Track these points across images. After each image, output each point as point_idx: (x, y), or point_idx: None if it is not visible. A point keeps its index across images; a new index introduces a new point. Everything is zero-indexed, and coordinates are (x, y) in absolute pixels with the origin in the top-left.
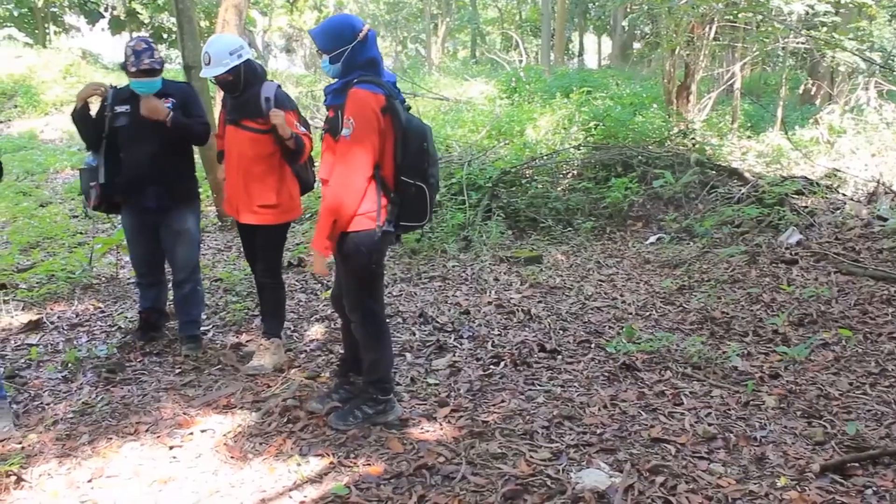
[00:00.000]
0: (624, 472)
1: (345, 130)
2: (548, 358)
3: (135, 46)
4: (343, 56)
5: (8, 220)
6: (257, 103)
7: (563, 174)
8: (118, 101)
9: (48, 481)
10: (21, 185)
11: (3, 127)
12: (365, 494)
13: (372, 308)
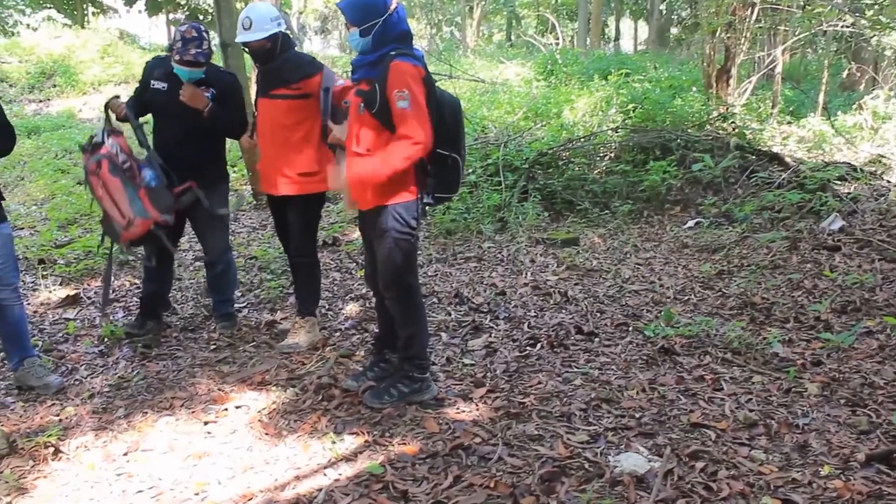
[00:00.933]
0: (664, 456)
1: (401, 103)
2: (585, 340)
3: (185, 33)
4: (373, 29)
5: (47, 197)
6: (290, 69)
7: (600, 156)
8: (158, 76)
9: (85, 454)
10: (59, 163)
11: (42, 106)
12: (400, 473)
13: (409, 282)
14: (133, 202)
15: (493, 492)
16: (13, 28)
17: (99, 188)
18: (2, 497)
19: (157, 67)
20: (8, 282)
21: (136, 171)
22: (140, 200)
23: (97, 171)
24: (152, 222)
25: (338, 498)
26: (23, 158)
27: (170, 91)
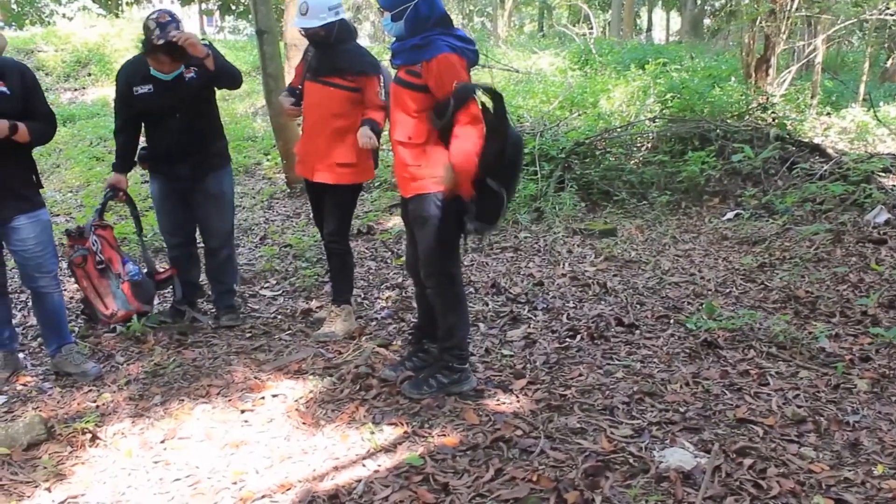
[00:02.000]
0: (712, 452)
1: None
2: (625, 332)
3: (158, 19)
4: (406, 13)
5: (82, 185)
6: (347, 61)
7: (637, 146)
8: (138, 81)
9: (122, 440)
10: (94, 151)
11: (77, 94)
12: (440, 466)
13: (451, 272)
14: (117, 296)
15: (536, 486)
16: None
17: (83, 280)
18: (41, 482)
19: (133, 74)
20: (47, 269)
21: (119, 265)
22: (123, 294)
23: (82, 265)
24: (133, 313)
25: (377, 489)
26: (58, 146)
27: (156, 91)
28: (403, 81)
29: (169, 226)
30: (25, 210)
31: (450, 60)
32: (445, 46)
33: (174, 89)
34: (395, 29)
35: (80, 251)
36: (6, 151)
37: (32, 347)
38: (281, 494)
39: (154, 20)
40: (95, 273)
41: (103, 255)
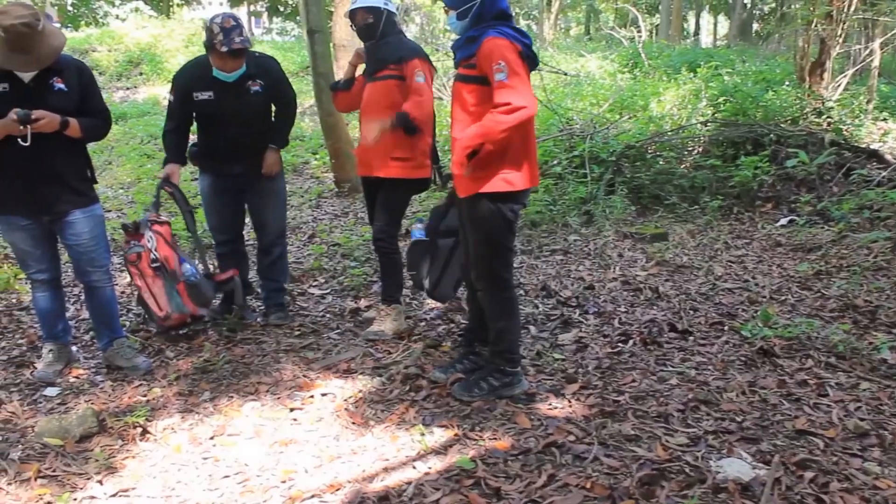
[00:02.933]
0: (772, 464)
1: (498, 75)
2: (679, 338)
3: (223, 24)
4: (471, 11)
5: (133, 181)
6: (390, 50)
7: (688, 150)
8: (200, 87)
9: (172, 435)
10: (145, 148)
11: (129, 93)
12: (492, 470)
13: (502, 275)
14: (171, 297)
15: (590, 493)
16: (103, 19)
17: (137, 278)
18: (93, 475)
19: (194, 79)
20: (100, 263)
21: (176, 264)
22: (179, 295)
23: (136, 262)
24: (188, 316)
25: (428, 492)
26: (110, 144)
27: (218, 98)
28: (461, 76)
29: (218, 223)
30: (80, 205)
31: (496, 42)
32: (493, 31)
33: (235, 97)
34: (461, 27)
35: (136, 248)
36: (61, 147)
37: (85, 341)
38: (330, 494)
39: (219, 24)
40: (150, 272)
41: (158, 254)
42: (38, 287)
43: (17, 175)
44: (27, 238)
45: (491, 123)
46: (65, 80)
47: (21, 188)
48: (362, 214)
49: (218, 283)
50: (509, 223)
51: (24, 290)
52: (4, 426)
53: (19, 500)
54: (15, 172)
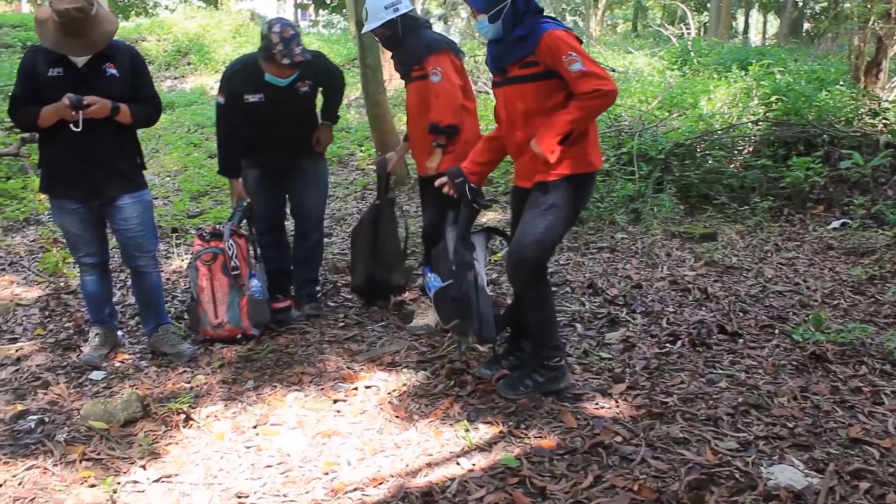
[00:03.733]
0: (826, 473)
1: (574, 65)
2: (728, 340)
3: (282, 33)
4: (502, 14)
5: (179, 170)
6: (410, 51)
7: (738, 150)
8: (250, 89)
9: (215, 423)
10: (192, 137)
11: (177, 82)
12: (537, 469)
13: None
14: (231, 308)
15: (637, 496)
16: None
17: (205, 279)
18: (136, 459)
19: (244, 82)
20: (147, 248)
21: (246, 278)
22: (238, 309)
23: (211, 263)
24: (240, 332)
25: (472, 489)
26: (157, 132)
27: (268, 100)
28: (520, 77)
29: (261, 211)
30: (130, 190)
31: (557, 34)
32: (548, 24)
33: (286, 99)
34: (493, 31)
35: (213, 249)
36: (111, 132)
37: (130, 326)
38: (373, 488)
39: (278, 34)
40: (221, 276)
41: (238, 261)
42: (86, 271)
43: (69, 159)
44: (77, 222)
45: (584, 110)
46: (117, 65)
47: (72, 172)
48: (407, 207)
49: (273, 310)
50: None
51: (72, 273)
52: (51, 408)
53: (64, 482)
54: (67, 157)
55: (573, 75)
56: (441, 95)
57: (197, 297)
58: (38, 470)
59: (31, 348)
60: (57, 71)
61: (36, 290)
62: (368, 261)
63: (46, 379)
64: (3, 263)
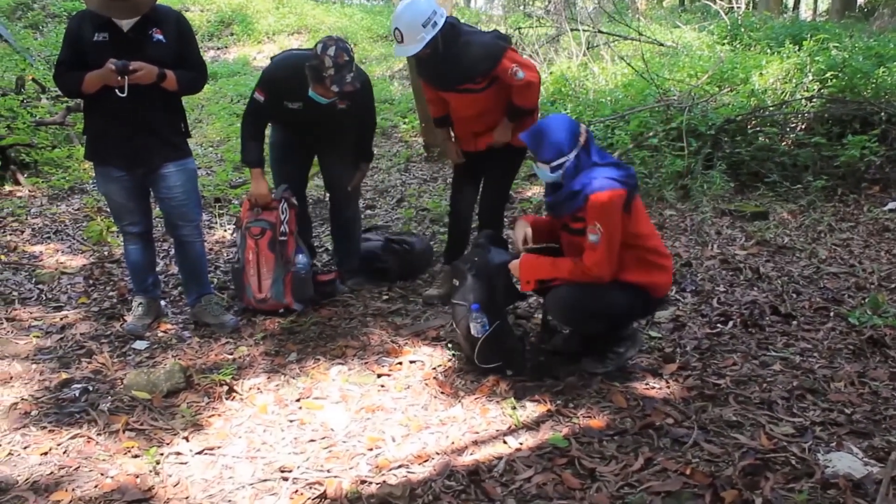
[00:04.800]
0: (888, 462)
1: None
2: (781, 322)
3: (337, 58)
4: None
5: (222, 140)
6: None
7: (791, 127)
8: (291, 98)
9: (258, 395)
10: (234, 108)
11: (220, 53)
12: (586, 449)
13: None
14: (276, 283)
15: (690, 480)
16: None
17: (251, 252)
18: (179, 431)
19: (287, 89)
20: (190, 217)
21: (293, 252)
22: (283, 285)
23: (259, 237)
24: (282, 307)
25: (519, 469)
26: (200, 102)
27: (305, 110)
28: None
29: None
30: (174, 158)
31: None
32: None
33: (324, 110)
34: (553, 178)
35: (262, 223)
36: (157, 99)
37: (173, 296)
38: (418, 466)
39: (332, 58)
40: (267, 252)
41: (288, 227)
42: (130, 240)
43: (114, 126)
44: (121, 190)
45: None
46: (163, 31)
47: (118, 140)
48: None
49: (319, 283)
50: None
51: (115, 242)
52: (95, 377)
53: (108, 452)
54: (112, 124)
55: (587, 243)
56: (533, 86)
57: (243, 265)
58: (82, 439)
59: (75, 317)
60: (102, 36)
61: (80, 259)
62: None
63: (90, 348)
64: (49, 232)
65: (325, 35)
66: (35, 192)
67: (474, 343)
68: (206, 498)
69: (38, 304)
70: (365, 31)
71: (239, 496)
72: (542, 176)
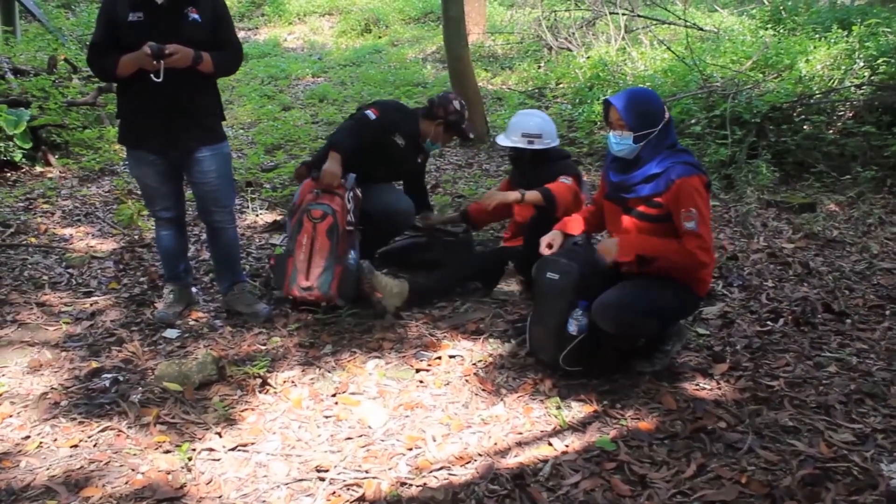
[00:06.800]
0: None
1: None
2: (835, 320)
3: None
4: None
5: (253, 122)
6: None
7: (839, 115)
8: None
9: (292, 389)
10: (265, 89)
11: (251, 34)
12: (635, 454)
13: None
14: (325, 273)
15: (746, 489)
16: None
17: (306, 236)
18: (211, 425)
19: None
20: (223, 203)
21: (346, 244)
22: (332, 276)
23: (317, 221)
24: (325, 299)
25: (566, 473)
26: (231, 83)
27: (406, 150)
28: (645, 216)
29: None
30: (209, 142)
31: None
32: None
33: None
34: (629, 151)
35: (324, 206)
36: (193, 81)
37: (205, 283)
38: (460, 468)
39: (461, 104)
40: (324, 238)
41: (352, 216)
42: (161, 225)
43: (149, 109)
44: (154, 174)
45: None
46: (199, 10)
47: (152, 123)
48: (487, 166)
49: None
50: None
51: (146, 226)
52: (125, 366)
53: (139, 446)
54: (146, 107)
55: (684, 230)
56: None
57: (292, 250)
58: (112, 432)
59: (105, 303)
60: (137, 16)
61: (111, 243)
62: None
63: (120, 335)
64: (79, 214)
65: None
66: (66, 174)
67: (565, 342)
68: (240, 497)
69: (68, 289)
70: (397, 13)
71: (273, 496)
72: (618, 147)
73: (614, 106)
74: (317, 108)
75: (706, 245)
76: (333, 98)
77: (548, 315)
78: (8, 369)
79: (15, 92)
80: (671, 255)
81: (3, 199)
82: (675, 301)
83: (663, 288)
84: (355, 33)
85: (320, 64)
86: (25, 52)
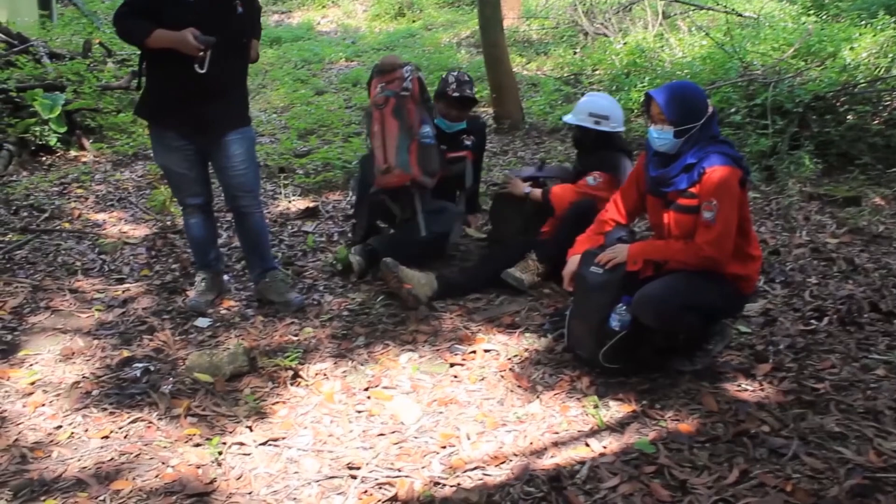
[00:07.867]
0: None
1: (707, 213)
2: (882, 321)
3: (459, 77)
4: (688, 133)
5: (286, 106)
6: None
7: (885, 105)
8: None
9: (324, 382)
10: (298, 73)
11: (284, 17)
12: (676, 457)
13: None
14: (400, 152)
15: (791, 498)
16: None
17: (377, 123)
18: (242, 418)
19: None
20: (249, 187)
21: (416, 121)
22: (408, 154)
23: (382, 107)
24: (409, 178)
25: (603, 476)
26: (264, 67)
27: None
28: (678, 206)
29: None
30: (237, 126)
31: (720, 175)
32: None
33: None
34: (670, 146)
35: (386, 92)
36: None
37: (236, 270)
38: (495, 468)
39: (454, 76)
40: (390, 118)
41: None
42: (190, 213)
43: (182, 92)
44: (181, 160)
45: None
46: (243, 2)
47: (187, 107)
48: (522, 153)
49: (449, 160)
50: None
51: (178, 212)
52: (156, 356)
53: (169, 438)
54: (180, 89)
55: (701, 220)
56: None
57: (370, 146)
58: (143, 423)
59: (137, 290)
60: None
61: (143, 228)
62: None
63: (152, 324)
64: (112, 199)
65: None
66: (99, 158)
67: (605, 338)
68: (270, 494)
69: (101, 276)
70: None
71: (304, 493)
72: (659, 142)
73: (655, 100)
74: (350, 93)
75: (716, 239)
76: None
77: (589, 310)
78: (41, 357)
79: (51, 76)
80: (677, 256)
81: (39, 184)
82: (719, 297)
83: (708, 282)
84: (389, 17)
85: (354, 48)
86: (61, 36)
